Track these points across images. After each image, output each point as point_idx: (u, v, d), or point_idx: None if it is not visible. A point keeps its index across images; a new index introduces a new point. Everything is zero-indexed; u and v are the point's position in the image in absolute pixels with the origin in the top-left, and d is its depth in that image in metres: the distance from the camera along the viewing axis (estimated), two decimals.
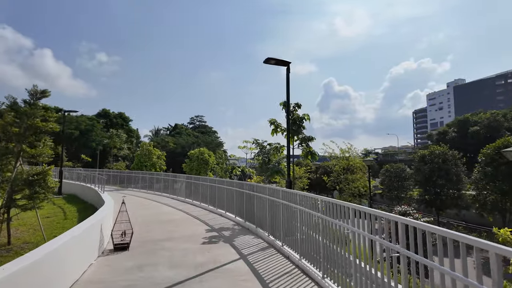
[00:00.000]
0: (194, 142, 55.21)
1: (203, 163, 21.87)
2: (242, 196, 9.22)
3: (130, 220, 7.07)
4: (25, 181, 8.40)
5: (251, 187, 8.55)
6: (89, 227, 5.44)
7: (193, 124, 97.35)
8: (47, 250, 3.79)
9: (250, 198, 8.56)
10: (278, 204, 6.70)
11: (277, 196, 6.77)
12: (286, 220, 6.29)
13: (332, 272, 4.38)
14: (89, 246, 5.50)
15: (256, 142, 14.73)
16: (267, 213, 7.28)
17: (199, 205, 13.11)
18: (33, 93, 9.77)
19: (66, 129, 49.13)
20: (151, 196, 16.78)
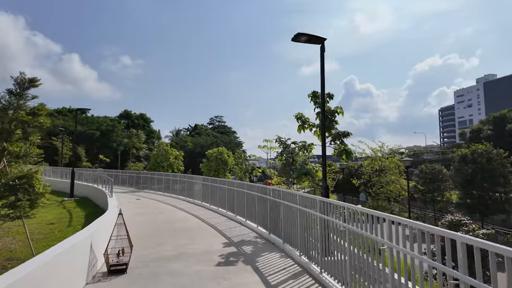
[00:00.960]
0: (213, 142, 54.45)
1: (222, 164, 20.64)
2: (265, 203, 7.79)
3: (143, 227, 5.81)
4: (6, 187, 7.37)
5: (277, 193, 7.10)
6: (73, 246, 4.20)
7: (212, 125, 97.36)
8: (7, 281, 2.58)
9: (276, 206, 7.12)
10: (314, 218, 5.21)
11: (312, 207, 5.30)
12: (325, 238, 4.81)
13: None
14: (74, 270, 4.27)
15: (279, 140, 13.26)
16: (298, 227, 5.81)
17: (217, 210, 11.81)
18: (19, 81, 8.59)
19: (87, 129, 49.96)
20: (167, 199, 15.70)
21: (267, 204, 7.68)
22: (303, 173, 8.31)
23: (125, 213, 11.62)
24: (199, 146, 55.11)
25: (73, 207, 12.93)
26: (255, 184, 8.83)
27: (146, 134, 61.90)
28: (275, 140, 12.91)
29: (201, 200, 13.67)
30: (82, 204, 13.62)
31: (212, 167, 20.84)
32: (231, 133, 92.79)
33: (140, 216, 10.88)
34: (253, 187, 8.86)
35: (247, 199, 9.30)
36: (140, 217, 10.69)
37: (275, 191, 7.33)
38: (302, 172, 8.30)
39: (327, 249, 4.75)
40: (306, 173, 8.29)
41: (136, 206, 13.45)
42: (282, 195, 6.76)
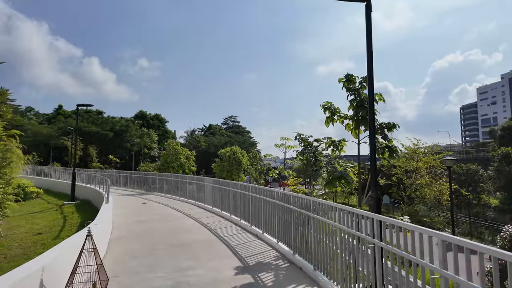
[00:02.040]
0: (227, 142, 53.13)
1: (235, 164, 19.10)
2: (288, 215, 6.15)
3: (140, 241, 4.30)
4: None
5: (304, 203, 5.44)
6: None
7: (226, 125, 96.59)
8: None
9: (304, 221, 5.46)
10: (369, 246, 3.53)
11: (359, 228, 3.62)
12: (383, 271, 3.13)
13: None
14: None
15: (299, 137, 11.57)
16: (339, 254, 4.13)
17: (229, 218, 10.25)
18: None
19: (101, 130, 49.74)
20: (175, 203, 14.29)
21: (291, 216, 6.04)
22: (336, 177, 6.54)
23: (126, 221, 10.22)
24: (213, 145, 53.91)
25: (71, 212, 11.69)
26: (275, 190, 7.18)
27: (160, 134, 61.39)
28: (294, 138, 11.27)
29: (212, 205, 12.15)
30: (81, 208, 12.41)
31: (224, 168, 19.31)
32: (245, 133, 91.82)
33: (140, 225, 9.45)
34: (272, 193, 7.22)
35: (265, 207, 7.68)
36: (141, 226, 9.26)
37: (301, 200, 5.67)
38: (335, 176, 6.53)
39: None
40: (340, 177, 6.52)
41: (139, 211, 12.08)
42: (312, 206, 5.10)
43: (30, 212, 12.23)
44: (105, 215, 8.03)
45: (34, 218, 10.93)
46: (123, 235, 8.09)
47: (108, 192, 10.84)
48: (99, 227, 6.63)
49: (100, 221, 6.95)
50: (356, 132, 7.79)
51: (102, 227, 7.00)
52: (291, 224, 6.14)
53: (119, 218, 10.56)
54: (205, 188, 13.02)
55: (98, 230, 6.45)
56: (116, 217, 10.73)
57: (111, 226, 8.97)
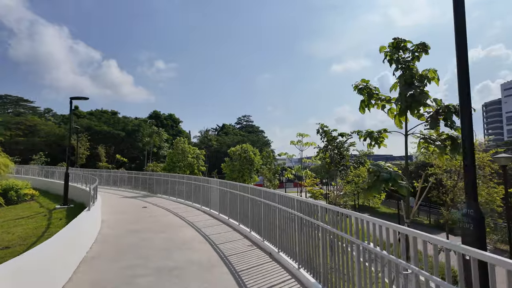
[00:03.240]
0: (239, 141, 51.48)
1: (247, 163, 17.33)
2: (313, 231, 4.36)
3: (120, 262, 2.62)
4: None
5: (337, 221, 3.63)
6: None
7: (240, 124, 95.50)
8: None
9: (341, 248, 3.65)
10: None
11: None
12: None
13: None
14: None
15: (323, 129, 9.68)
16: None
17: (237, 227, 8.53)
18: None
19: (112, 129, 49.15)
20: (178, 208, 12.71)
21: (321, 236, 4.23)
22: (383, 180, 4.54)
23: (116, 230, 8.58)
24: (225, 145, 52.41)
25: (59, 219, 10.25)
26: (296, 198, 5.36)
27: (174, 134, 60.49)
28: (316, 131, 9.34)
29: (218, 210, 10.44)
30: (73, 213, 10.97)
31: (235, 168, 17.55)
32: (258, 133, 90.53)
33: (131, 236, 7.84)
34: (292, 202, 5.42)
35: (282, 219, 5.90)
36: (131, 238, 7.64)
37: (335, 216, 3.85)
38: (381, 178, 4.53)
39: None
40: (388, 179, 4.52)
41: (137, 217, 10.52)
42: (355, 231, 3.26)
43: (15, 218, 10.90)
44: (81, 225, 6.43)
45: (14, 225, 9.55)
46: (104, 251, 6.48)
47: (95, 194, 9.30)
48: (65, 243, 5.03)
49: (70, 234, 5.34)
50: (402, 121, 5.83)
51: (70, 242, 5.40)
52: (318, 247, 4.33)
53: (109, 226, 9.01)
54: (211, 191, 11.33)
55: (62, 247, 4.85)
56: (106, 225, 9.19)
57: (92, 238, 7.40)
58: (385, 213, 39.74)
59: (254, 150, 18.01)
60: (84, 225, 6.85)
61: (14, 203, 13.23)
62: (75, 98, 12.53)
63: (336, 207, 3.96)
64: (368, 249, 3.27)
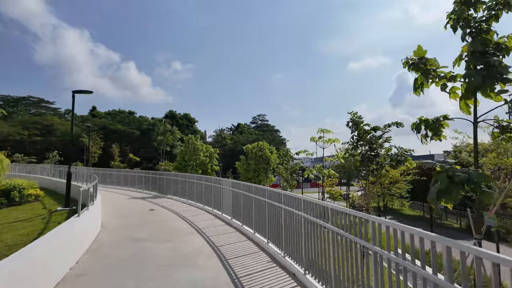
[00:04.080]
0: (254, 140, 50.31)
1: (263, 162, 16.01)
2: (349, 247, 3.02)
3: (120, 272, 1.39)
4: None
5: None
6: None
7: (255, 124, 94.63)
8: None
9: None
10: None
11: None
12: None
13: None
14: None
15: (354, 120, 8.27)
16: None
17: (252, 236, 7.29)
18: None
19: (127, 128, 49.18)
20: (188, 211, 11.64)
21: (373, 257, 2.90)
22: (459, 183, 3.03)
23: (114, 238, 7.42)
24: (240, 144, 51.34)
25: (57, 222, 9.34)
26: (326, 205, 4.05)
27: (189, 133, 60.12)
28: (346, 123, 7.94)
29: (231, 215, 9.23)
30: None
31: (250, 167, 16.24)
32: (274, 132, 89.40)
33: (130, 246, 6.75)
34: (322, 210, 4.10)
35: (309, 231, 4.62)
36: (129, 249, 6.55)
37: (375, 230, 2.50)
38: (457, 180, 3.04)
39: None
40: (468, 182, 3.02)
41: (140, 222, 9.49)
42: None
43: (12, 220, 10.10)
44: (67, 233, 5.36)
45: (7, 230, 8.69)
46: (92, 267, 5.39)
47: (94, 193, 8.30)
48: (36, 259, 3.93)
49: (47, 246, 4.25)
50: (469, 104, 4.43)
51: (47, 256, 4.33)
52: (358, 267, 3.01)
53: (108, 232, 7.99)
54: (223, 193, 10.14)
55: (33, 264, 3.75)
56: (105, 230, 8.17)
57: (84, 247, 6.34)
58: (409, 216, 37.46)
59: (271, 148, 16.64)
60: (73, 232, 5.79)
61: (16, 204, 12.53)
62: (78, 92, 11.65)
63: (386, 220, 2.62)
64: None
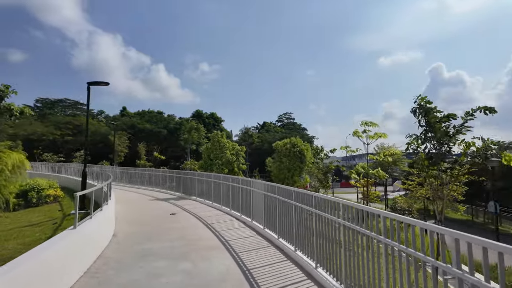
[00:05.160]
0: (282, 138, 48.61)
1: (297, 160, 14.20)
2: None
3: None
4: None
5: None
6: None
7: (281, 122, 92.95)
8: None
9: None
10: None
11: None
12: None
13: None
14: None
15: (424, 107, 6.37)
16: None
17: (293, 255, 5.68)
18: None
19: (155, 127, 49.27)
20: (214, 216, 10.29)
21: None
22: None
23: (125, 253, 6.19)
24: (266, 142, 49.78)
25: (67, 224, 8.30)
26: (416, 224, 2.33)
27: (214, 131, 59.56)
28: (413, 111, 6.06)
29: (264, 224, 7.67)
30: None
31: (283, 165, 14.44)
32: (301, 130, 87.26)
33: (139, 265, 5.41)
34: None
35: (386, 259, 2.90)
36: (136, 270, 5.19)
37: None
38: None
39: None
40: None
41: (158, 231, 8.22)
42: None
43: (24, 224, 9.27)
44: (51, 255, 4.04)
45: (13, 237, 7.80)
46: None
47: (108, 194, 7.09)
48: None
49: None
50: None
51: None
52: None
53: (119, 244, 6.73)
54: (253, 196, 8.60)
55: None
56: (116, 241, 6.92)
57: (84, 267, 5.05)
58: (454, 220, 33.90)
59: (305, 144, 14.79)
60: (66, 248, 4.51)
61: (33, 205, 11.82)
62: (93, 84, 10.65)
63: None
64: None
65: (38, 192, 12.23)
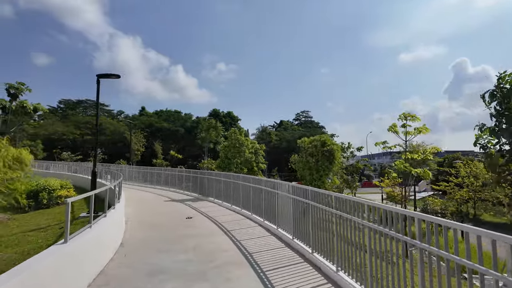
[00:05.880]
0: (301, 136, 47.12)
1: (326, 160, 12.78)
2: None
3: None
4: None
5: None
6: None
7: (298, 120, 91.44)
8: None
9: None
10: None
11: None
12: None
13: None
14: None
15: (501, 87, 5.01)
16: None
17: (334, 276, 4.51)
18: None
19: (172, 126, 49.10)
20: (233, 221, 9.27)
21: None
22: None
23: (131, 268, 5.12)
24: (285, 140, 48.51)
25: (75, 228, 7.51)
26: None
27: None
28: (490, 94, 4.72)
29: (292, 233, 6.55)
30: None
31: (311, 165, 13.04)
32: (318, 128, 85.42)
33: (149, 284, 4.42)
34: None
35: None
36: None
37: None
38: None
39: None
40: None
41: (170, 239, 7.28)
42: None
43: (32, 228, 8.58)
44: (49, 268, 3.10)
45: (14, 243, 7.07)
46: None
47: (120, 194, 6.19)
48: None
49: None
50: None
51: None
52: None
53: (127, 255, 5.79)
54: (278, 201, 7.49)
55: None
56: (122, 253, 6.01)
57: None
58: (490, 223, 31.46)
59: (335, 143, 13.35)
60: (51, 271, 3.56)
61: (44, 207, 11.23)
62: (103, 76, 9.87)
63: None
64: None
65: (49, 192, 11.64)
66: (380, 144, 11.51)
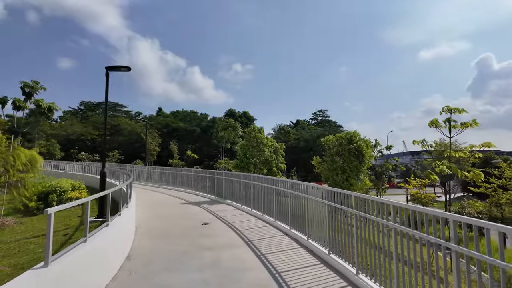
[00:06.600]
0: (319, 135, 45.51)
1: (355, 159, 11.46)
2: None
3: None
4: None
5: None
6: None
7: (315, 120, 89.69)
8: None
9: None
10: None
11: None
12: None
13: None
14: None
15: None
16: None
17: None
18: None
19: (188, 126, 48.73)
20: (254, 229, 8.24)
21: None
22: None
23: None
24: (303, 140, 47.10)
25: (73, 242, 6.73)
26: None
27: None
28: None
29: (328, 246, 5.45)
30: None
31: (337, 165, 11.75)
32: (336, 127, 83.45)
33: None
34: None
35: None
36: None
37: None
38: None
39: None
40: None
41: (184, 251, 6.35)
42: None
43: (35, 234, 7.89)
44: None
45: (13, 252, 6.30)
46: None
47: (128, 198, 5.31)
48: None
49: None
50: None
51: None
52: None
53: (130, 275, 4.89)
54: (308, 206, 6.40)
55: None
56: (128, 268, 5.11)
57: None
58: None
59: (365, 140, 12.01)
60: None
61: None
62: (113, 69, 9.13)
63: None
64: None
65: (59, 194, 11.03)
66: (418, 142, 10.14)
